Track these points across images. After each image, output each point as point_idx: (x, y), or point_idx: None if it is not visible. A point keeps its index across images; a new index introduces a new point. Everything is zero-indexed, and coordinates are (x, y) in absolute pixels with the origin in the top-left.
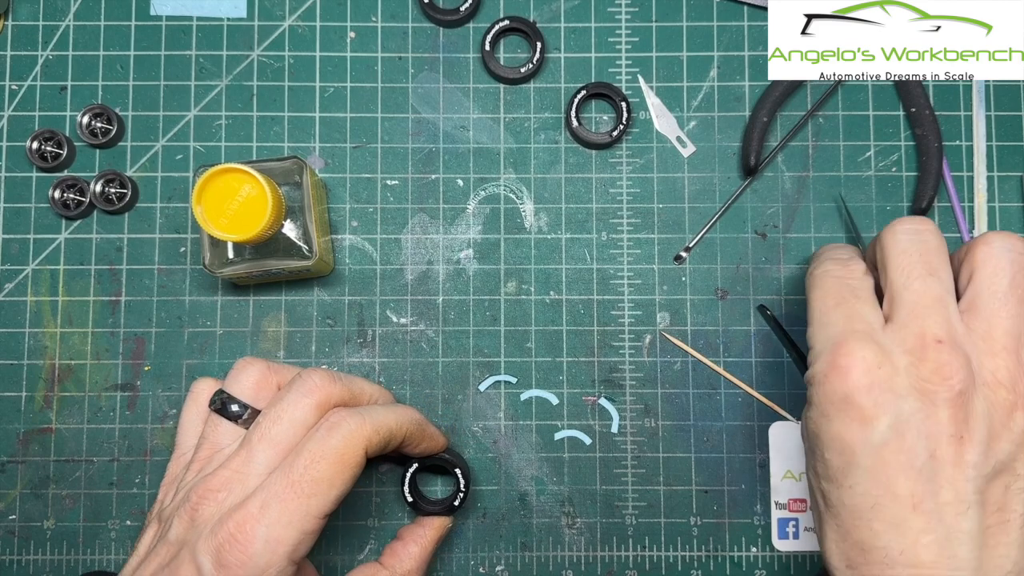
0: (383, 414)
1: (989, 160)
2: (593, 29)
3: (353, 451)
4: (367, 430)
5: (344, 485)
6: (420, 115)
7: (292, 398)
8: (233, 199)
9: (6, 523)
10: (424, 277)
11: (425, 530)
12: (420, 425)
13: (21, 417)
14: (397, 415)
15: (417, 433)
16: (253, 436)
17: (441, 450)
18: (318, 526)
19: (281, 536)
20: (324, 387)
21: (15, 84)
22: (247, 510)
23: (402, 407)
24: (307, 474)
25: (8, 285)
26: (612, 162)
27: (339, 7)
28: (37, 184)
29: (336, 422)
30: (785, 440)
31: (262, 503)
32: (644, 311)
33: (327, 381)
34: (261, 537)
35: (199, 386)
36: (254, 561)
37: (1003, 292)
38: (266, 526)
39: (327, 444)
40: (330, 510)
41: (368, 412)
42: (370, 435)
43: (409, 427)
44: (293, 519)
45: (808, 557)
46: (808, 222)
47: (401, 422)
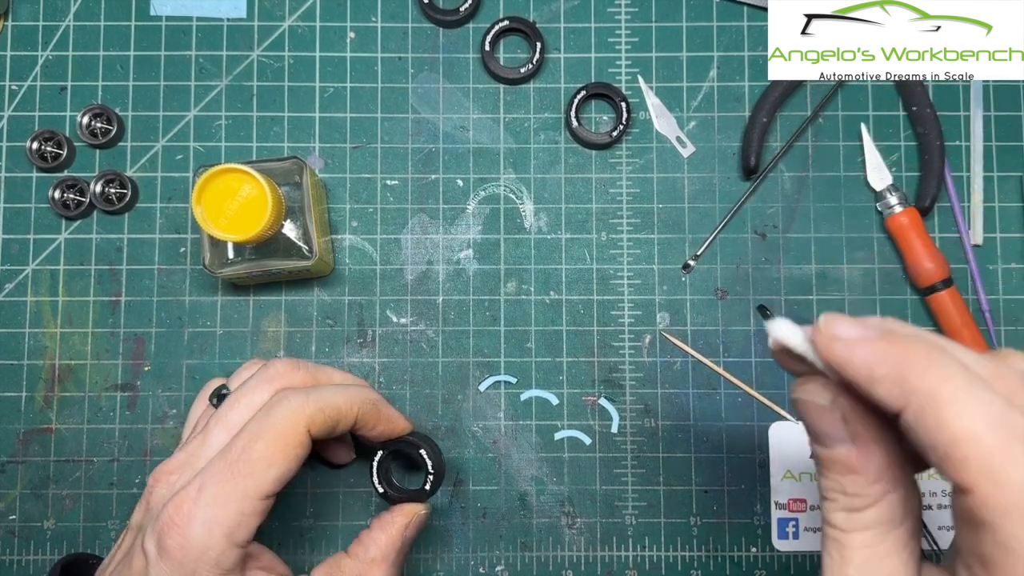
0: (330, 393)
1: (988, 160)
2: (593, 29)
3: (293, 430)
4: (309, 408)
5: (285, 465)
6: (420, 115)
7: (252, 384)
8: (233, 199)
9: (6, 523)
10: (424, 277)
11: (394, 517)
12: (374, 405)
13: (21, 417)
14: (347, 394)
15: (371, 413)
16: (211, 420)
17: (402, 433)
18: (258, 507)
19: (217, 517)
20: (286, 374)
21: (15, 84)
22: (186, 492)
23: (356, 387)
24: (244, 454)
25: (8, 285)
26: (612, 162)
27: (339, 7)
28: (37, 184)
29: (277, 400)
30: (785, 440)
31: (200, 485)
32: (644, 311)
33: (290, 368)
34: (198, 518)
35: (210, 384)
36: (192, 544)
37: None
38: (203, 507)
39: (265, 423)
40: (271, 490)
41: (314, 391)
42: (312, 413)
43: (362, 407)
44: (229, 500)
45: (808, 557)
46: (808, 222)
47: (351, 401)
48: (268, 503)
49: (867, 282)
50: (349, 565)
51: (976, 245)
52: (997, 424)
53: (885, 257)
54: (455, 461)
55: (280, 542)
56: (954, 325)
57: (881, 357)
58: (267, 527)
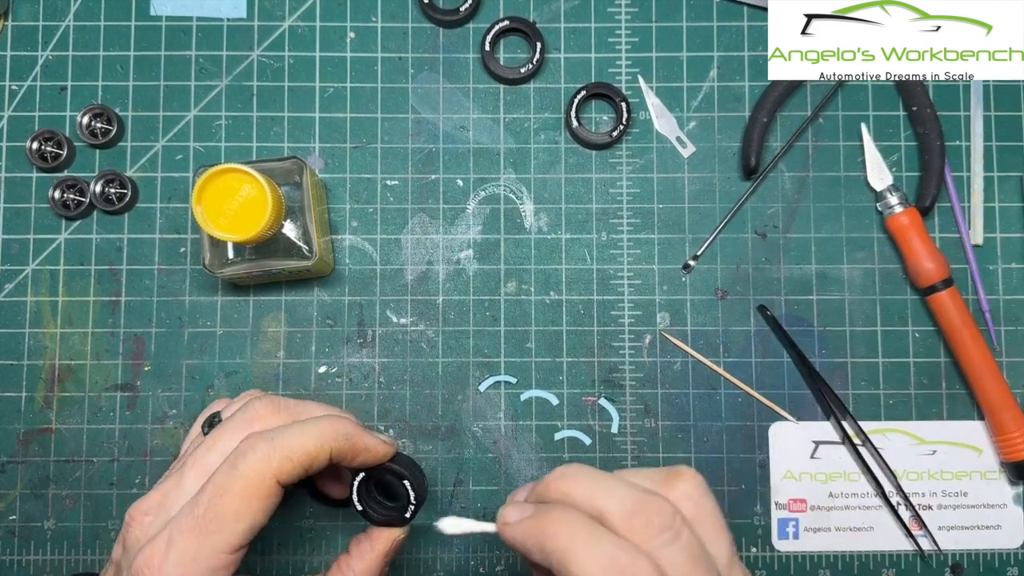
0: (298, 436)
1: (988, 160)
2: (593, 29)
3: (259, 483)
4: (276, 459)
5: (252, 518)
6: (420, 115)
7: (229, 427)
8: (233, 199)
9: (6, 523)
10: (424, 277)
11: (373, 544)
12: (348, 439)
13: (21, 417)
14: (317, 434)
15: (347, 448)
16: (187, 461)
17: (384, 460)
18: (228, 560)
19: (188, 573)
20: (265, 417)
21: (15, 84)
22: (155, 546)
23: (327, 421)
24: (210, 510)
25: (8, 285)
26: (612, 162)
27: (339, 7)
28: (37, 184)
29: (243, 451)
30: (785, 440)
31: (168, 539)
32: (644, 311)
33: (270, 411)
34: (169, 574)
35: (213, 405)
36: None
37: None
38: (172, 563)
39: (230, 475)
40: (240, 543)
41: (280, 435)
42: (280, 463)
43: (334, 444)
44: (199, 556)
45: (808, 557)
46: (808, 222)
47: (322, 441)
48: (239, 555)
49: (867, 282)
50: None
51: (976, 245)
52: (605, 569)
53: (885, 257)
54: (455, 461)
55: (280, 542)
56: (954, 325)
57: (529, 532)
58: (267, 527)
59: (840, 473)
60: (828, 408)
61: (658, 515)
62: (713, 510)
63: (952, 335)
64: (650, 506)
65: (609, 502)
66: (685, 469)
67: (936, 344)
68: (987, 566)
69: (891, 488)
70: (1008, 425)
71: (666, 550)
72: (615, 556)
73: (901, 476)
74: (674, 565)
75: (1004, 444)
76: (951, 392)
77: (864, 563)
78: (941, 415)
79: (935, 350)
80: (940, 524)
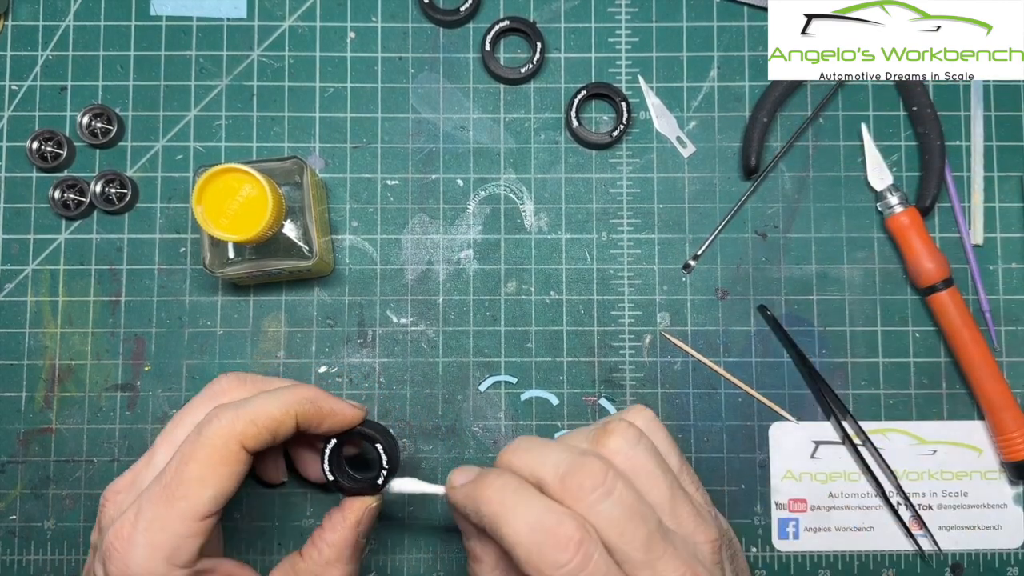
0: (262, 402)
1: (988, 160)
2: (593, 29)
3: (225, 448)
4: (240, 423)
5: (219, 484)
6: (420, 115)
7: (196, 401)
8: (233, 199)
9: (6, 523)
10: (424, 277)
11: (344, 514)
12: (313, 403)
13: (21, 417)
14: (281, 399)
15: (312, 413)
16: (158, 438)
17: (354, 424)
18: (197, 528)
19: (156, 541)
20: (229, 391)
21: (15, 84)
22: (125, 517)
23: (292, 388)
24: (176, 476)
25: (8, 285)
26: (612, 162)
27: (339, 7)
28: (37, 184)
29: (208, 419)
30: (785, 440)
31: (137, 509)
32: (644, 311)
33: (235, 384)
34: (138, 544)
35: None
36: (133, 570)
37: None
38: (141, 532)
39: (196, 443)
40: (208, 510)
41: (244, 403)
42: (244, 428)
43: (299, 408)
44: (167, 523)
45: (808, 557)
46: (808, 222)
47: (286, 405)
48: (209, 523)
49: (867, 282)
50: (304, 569)
51: (976, 245)
52: (532, 529)
53: (885, 257)
54: (455, 461)
55: (280, 542)
56: (954, 325)
57: (468, 496)
58: (267, 527)
59: (840, 473)
60: (828, 408)
61: (589, 476)
62: (645, 459)
63: (952, 335)
64: (582, 467)
65: (544, 468)
66: (615, 423)
67: (936, 344)
68: (987, 566)
69: (891, 488)
70: (1008, 425)
71: (599, 507)
72: (542, 517)
73: (901, 476)
74: (609, 520)
75: (1004, 444)
76: (951, 392)
77: (864, 563)
78: (941, 415)
79: (935, 350)
80: (940, 524)
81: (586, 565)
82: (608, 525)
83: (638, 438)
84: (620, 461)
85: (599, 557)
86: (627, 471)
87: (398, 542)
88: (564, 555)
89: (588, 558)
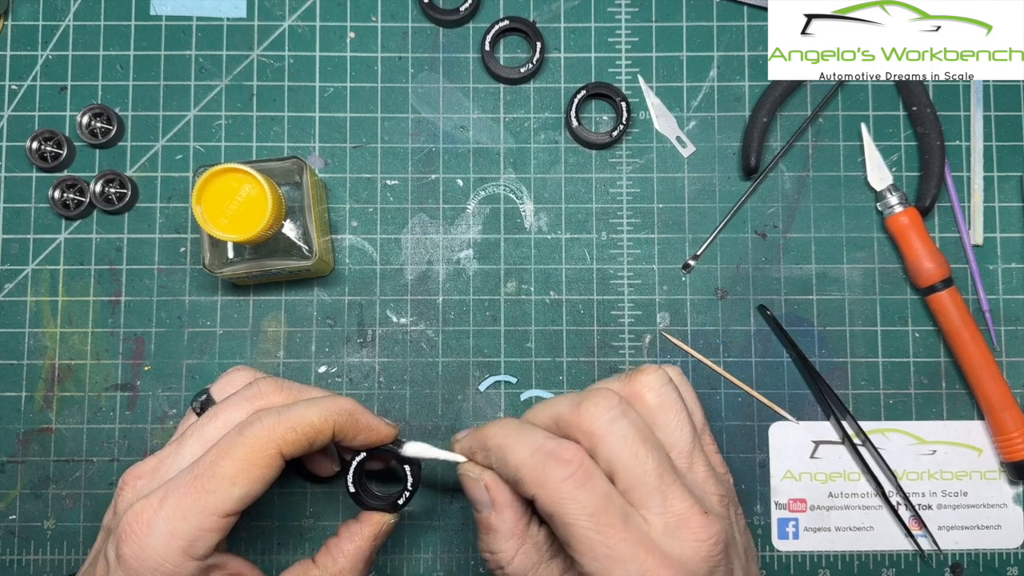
0: (303, 410)
1: (988, 160)
2: (593, 29)
3: (261, 450)
4: (280, 429)
5: (249, 485)
6: (420, 115)
7: (234, 400)
8: (233, 199)
9: (6, 523)
10: (424, 277)
11: (362, 527)
12: (351, 416)
13: (21, 417)
14: (321, 408)
15: (349, 425)
16: (188, 430)
17: (387, 441)
18: (218, 524)
19: (176, 530)
20: (268, 394)
21: (15, 84)
22: (148, 501)
23: (331, 399)
24: (209, 469)
25: (8, 285)
26: (612, 162)
27: (339, 7)
28: (37, 184)
29: (251, 420)
30: (785, 440)
31: (163, 495)
32: (644, 311)
33: (272, 389)
34: (157, 530)
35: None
36: (148, 554)
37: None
38: (162, 519)
39: (235, 441)
40: (232, 509)
41: (287, 410)
42: (283, 433)
43: (337, 419)
44: (189, 514)
45: (808, 557)
46: (808, 222)
47: (325, 415)
48: (229, 521)
49: (867, 282)
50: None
51: (976, 245)
52: (535, 451)
53: (885, 257)
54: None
55: (280, 542)
56: (954, 325)
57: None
58: (267, 527)
59: (840, 473)
60: (828, 408)
61: (604, 398)
62: (674, 398)
63: (952, 335)
64: (596, 394)
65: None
66: (649, 365)
67: (936, 344)
68: (987, 566)
69: (891, 488)
70: (1008, 425)
71: (614, 426)
72: (545, 442)
73: (901, 476)
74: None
75: (1004, 444)
76: (951, 392)
77: (864, 563)
78: (941, 415)
79: (935, 350)
80: (940, 524)
81: (587, 480)
82: (622, 445)
83: (669, 379)
84: (651, 396)
85: (599, 478)
86: (655, 407)
87: (398, 542)
88: (566, 469)
89: (588, 475)
